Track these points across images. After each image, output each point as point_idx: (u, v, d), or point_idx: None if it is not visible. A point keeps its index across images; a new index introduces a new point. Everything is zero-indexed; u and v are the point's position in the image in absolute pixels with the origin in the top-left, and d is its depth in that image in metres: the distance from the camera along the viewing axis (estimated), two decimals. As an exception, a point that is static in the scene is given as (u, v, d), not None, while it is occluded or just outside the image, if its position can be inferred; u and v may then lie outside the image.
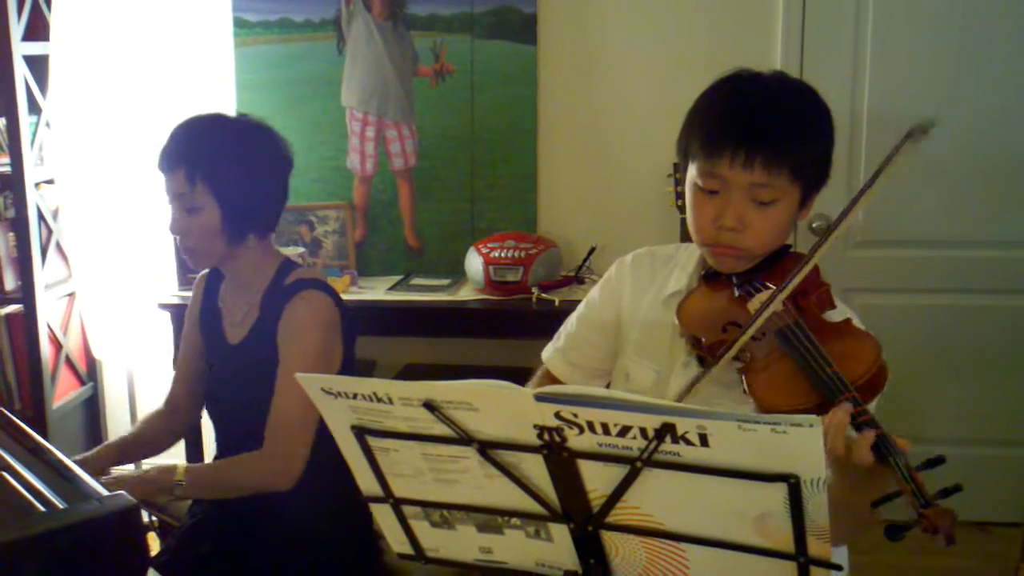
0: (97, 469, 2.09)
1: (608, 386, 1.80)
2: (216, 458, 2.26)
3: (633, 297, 1.77)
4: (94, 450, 2.18)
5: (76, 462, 1.98)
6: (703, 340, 1.57)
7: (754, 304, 1.54)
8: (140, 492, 1.94)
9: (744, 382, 1.50)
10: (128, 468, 2.28)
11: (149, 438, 2.28)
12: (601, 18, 3.40)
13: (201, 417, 2.40)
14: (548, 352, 1.87)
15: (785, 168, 1.54)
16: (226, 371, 2.19)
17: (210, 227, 2.04)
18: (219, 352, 2.20)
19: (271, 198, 2.13)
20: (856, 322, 1.56)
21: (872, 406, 1.56)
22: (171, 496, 2.00)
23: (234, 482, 2.04)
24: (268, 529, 2.07)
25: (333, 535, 2.09)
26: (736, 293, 1.60)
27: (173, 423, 2.32)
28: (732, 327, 1.54)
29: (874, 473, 1.28)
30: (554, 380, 1.84)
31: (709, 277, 1.67)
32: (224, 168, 2.03)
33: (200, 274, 2.30)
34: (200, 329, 2.26)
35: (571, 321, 1.86)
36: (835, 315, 1.60)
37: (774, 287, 1.54)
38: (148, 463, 2.52)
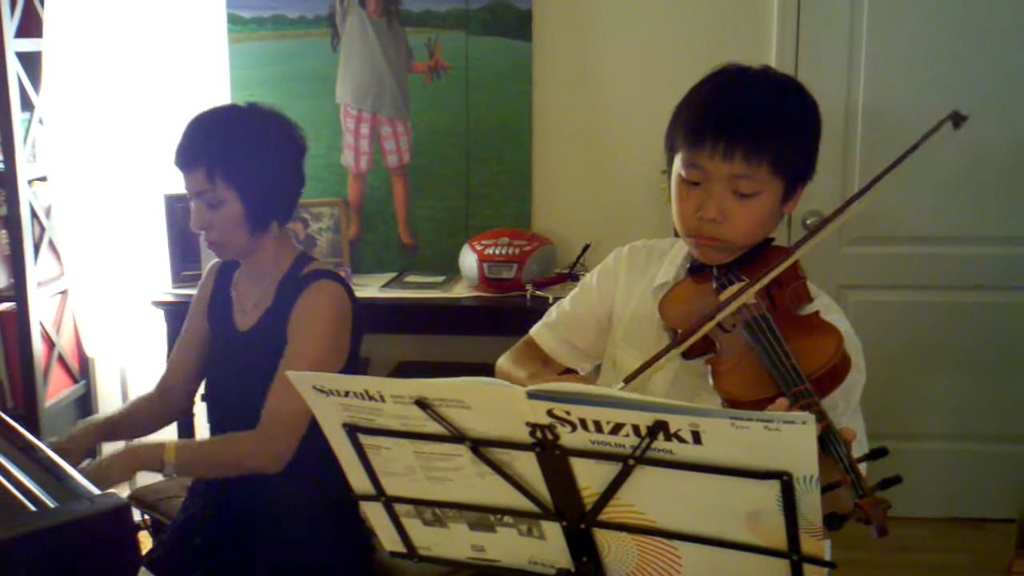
0: (82, 447, 2.08)
1: (599, 372, 1.81)
2: None
3: (626, 288, 1.78)
4: (78, 427, 2.16)
5: (61, 442, 1.99)
6: (678, 332, 1.58)
7: (725, 296, 1.55)
8: (128, 468, 1.95)
9: (709, 372, 1.51)
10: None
11: (136, 420, 2.26)
12: (596, 15, 3.39)
13: (193, 406, 2.38)
14: (537, 327, 1.88)
15: (765, 160, 1.55)
16: (230, 357, 2.19)
17: (233, 219, 2.06)
18: (225, 338, 2.20)
19: (289, 184, 2.15)
20: (826, 315, 1.56)
21: (854, 396, 1.58)
22: (161, 473, 1.98)
23: (225, 461, 2.03)
24: (260, 525, 2.06)
25: (325, 532, 2.09)
26: (714, 285, 1.61)
27: (162, 408, 2.30)
28: (706, 320, 1.55)
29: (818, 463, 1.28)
30: (538, 352, 1.85)
31: (694, 270, 1.68)
32: (241, 161, 2.05)
33: (212, 263, 2.31)
34: (208, 316, 2.26)
35: (565, 302, 1.87)
36: (811, 309, 1.60)
37: (748, 279, 1.56)
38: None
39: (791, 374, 1.38)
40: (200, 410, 2.83)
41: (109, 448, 2.12)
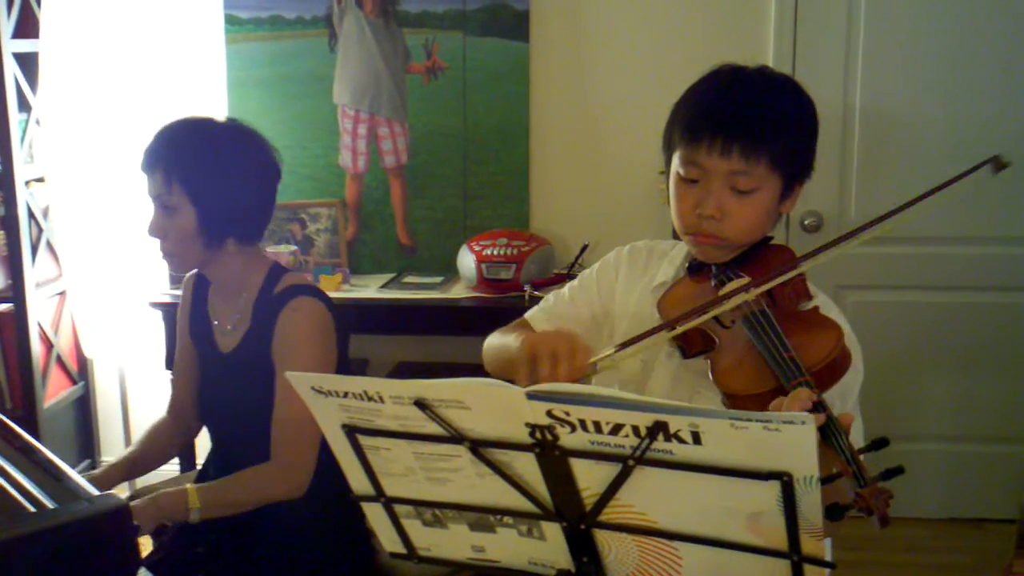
0: (104, 488, 2.08)
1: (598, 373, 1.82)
2: (208, 461, 2.25)
3: (625, 287, 1.79)
4: (100, 469, 2.17)
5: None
6: (676, 326, 1.58)
7: (725, 292, 1.55)
8: (155, 520, 1.93)
9: (709, 367, 1.51)
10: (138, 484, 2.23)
11: (156, 450, 2.25)
12: (594, 15, 3.39)
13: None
14: (533, 311, 1.88)
15: (763, 157, 1.56)
16: (218, 377, 2.17)
17: (186, 229, 2.02)
18: (210, 359, 2.18)
19: (251, 204, 2.09)
20: (825, 310, 1.57)
21: (852, 396, 1.59)
22: (186, 520, 1.96)
23: (247, 498, 2.01)
24: (261, 529, 2.06)
25: (326, 534, 2.09)
26: (713, 283, 1.62)
27: (179, 429, 2.29)
28: (707, 309, 1.55)
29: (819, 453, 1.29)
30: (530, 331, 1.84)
31: (693, 269, 1.68)
32: (200, 170, 2.01)
33: (187, 276, 2.28)
34: (190, 335, 2.24)
35: (564, 291, 1.87)
36: (810, 306, 1.61)
37: (747, 277, 1.57)
38: (146, 480, 2.46)
39: (791, 367, 1.39)
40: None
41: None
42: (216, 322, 2.17)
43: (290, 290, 2.07)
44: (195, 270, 2.20)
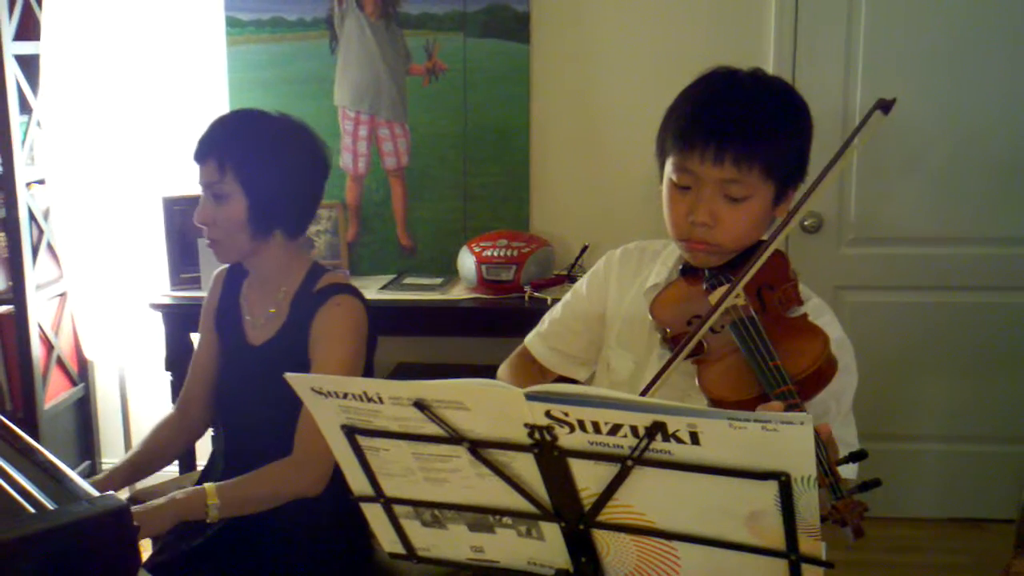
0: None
1: (593, 375, 1.82)
2: (214, 458, 2.25)
3: (618, 292, 1.79)
4: (102, 474, 2.16)
5: None
6: (668, 332, 1.58)
7: (714, 297, 1.56)
8: (173, 519, 1.93)
9: (696, 374, 1.51)
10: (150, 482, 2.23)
11: (159, 450, 2.24)
12: (594, 17, 3.40)
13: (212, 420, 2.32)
14: (531, 337, 1.90)
15: (756, 164, 1.56)
16: (243, 370, 2.17)
17: (236, 218, 2.04)
18: (236, 351, 2.18)
19: (301, 196, 2.12)
20: (815, 317, 1.57)
21: (845, 399, 1.59)
22: (205, 518, 1.95)
23: (266, 494, 2.01)
24: (260, 527, 2.06)
25: (325, 534, 2.09)
26: (704, 287, 1.62)
27: (185, 426, 2.28)
28: (696, 320, 1.56)
29: None
30: (532, 362, 1.87)
31: (686, 271, 1.69)
32: (254, 159, 2.03)
33: (219, 269, 2.28)
34: (216, 326, 2.24)
35: (556, 309, 1.88)
36: (800, 311, 1.60)
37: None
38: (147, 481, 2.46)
39: (775, 375, 1.39)
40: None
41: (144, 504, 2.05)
42: (249, 315, 2.18)
43: (332, 287, 2.10)
44: (237, 262, 2.19)
